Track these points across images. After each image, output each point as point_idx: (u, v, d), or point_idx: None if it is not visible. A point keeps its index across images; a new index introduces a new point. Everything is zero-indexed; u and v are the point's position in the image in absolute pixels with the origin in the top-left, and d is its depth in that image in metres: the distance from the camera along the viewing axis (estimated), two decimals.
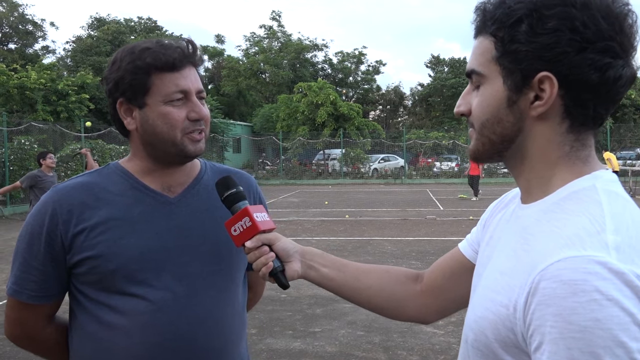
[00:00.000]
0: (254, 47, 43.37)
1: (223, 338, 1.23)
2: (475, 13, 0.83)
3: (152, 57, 1.15)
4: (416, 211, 13.79)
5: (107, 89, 1.21)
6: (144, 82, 1.15)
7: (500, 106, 0.80)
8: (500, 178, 25.30)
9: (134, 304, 1.15)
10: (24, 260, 1.19)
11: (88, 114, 22.92)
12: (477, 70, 0.82)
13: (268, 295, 5.89)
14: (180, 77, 1.16)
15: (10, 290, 1.20)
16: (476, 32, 0.83)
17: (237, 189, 1.11)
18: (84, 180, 1.22)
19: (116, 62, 1.19)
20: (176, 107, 1.16)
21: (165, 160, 1.22)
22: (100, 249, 1.15)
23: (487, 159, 0.86)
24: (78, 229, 1.16)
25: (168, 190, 1.24)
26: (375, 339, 4.61)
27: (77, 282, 1.20)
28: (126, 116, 1.20)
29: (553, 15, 0.73)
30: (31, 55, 35.30)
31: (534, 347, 0.67)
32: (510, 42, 0.76)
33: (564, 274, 0.65)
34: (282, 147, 28.77)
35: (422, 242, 9.22)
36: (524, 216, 0.82)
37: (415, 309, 1.09)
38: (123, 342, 1.15)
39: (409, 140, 29.04)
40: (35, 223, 1.18)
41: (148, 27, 43.08)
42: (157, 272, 1.17)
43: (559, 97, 0.76)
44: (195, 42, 1.21)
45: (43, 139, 16.96)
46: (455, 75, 43.75)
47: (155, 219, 1.20)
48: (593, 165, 0.80)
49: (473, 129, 0.84)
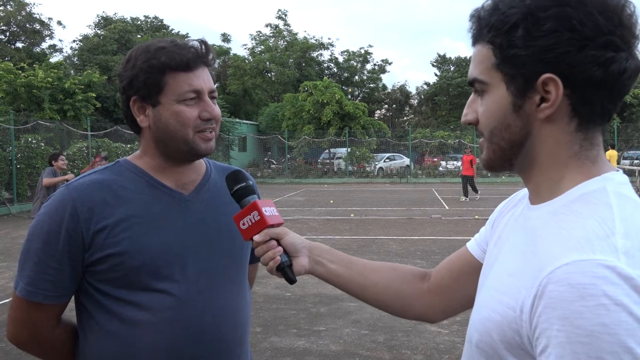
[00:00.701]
0: (260, 46, 43.40)
1: (241, 328, 1.29)
2: (471, 21, 0.82)
3: (167, 56, 1.17)
4: (421, 210, 13.76)
5: (121, 87, 1.23)
6: (158, 81, 1.17)
7: (506, 112, 0.79)
8: (506, 177, 25.20)
9: (160, 299, 1.17)
10: (39, 260, 1.17)
11: (94, 112, 23.03)
12: (479, 79, 0.81)
13: (273, 294, 5.90)
14: (193, 77, 1.19)
15: (24, 291, 1.18)
16: (473, 40, 0.83)
17: (246, 183, 1.12)
18: (100, 178, 1.22)
19: (131, 60, 1.20)
20: (189, 106, 1.19)
21: (177, 157, 1.24)
22: (124, 246, 1.16)
23: (500, 167, 0.85)
24: (99, 227, 1.16)
25: (182, 187, 1.27)
26: (380, 338, 4.60)
27: (94, 280, 1.19)
28: (139, 114, 1.22)
29: (549, 17, 0.73)
30: (38, 54, 35.45)
31: (540, 350, 0.66)
32: (509, 48, 0.76)
33: (572, 277, 0.65)
34: (288, 145, 28.77)
35: (427, 241, 9.20)
36: (532, 217, 0.81)
37: (421, 307, 1.09)
38: (149, 338, 1.17)
39: (415, 140, 28.97)
40: (52, 221, 1.17)
41: (154, 26, 43.20)
42: (181, 267, 1.20)
43: (564, 97, 0.75)
44: (208, 43, 1.24)
45: (50, 137, 17.04)
46: (461, 74, 43.58)
47: (173, 216, 1.22)
48: (602, 165, 0.79)
49: (483, 138, 0.84)
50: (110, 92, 27.60)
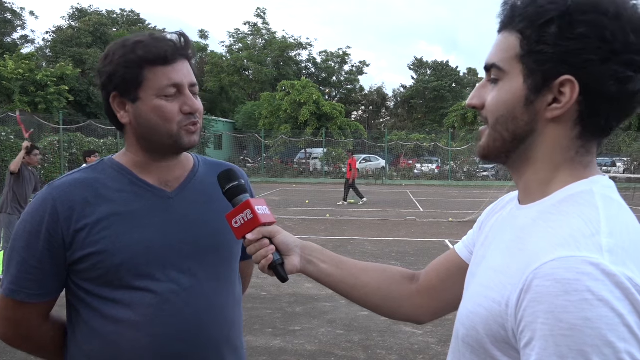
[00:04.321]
0: (238, 44, 43.18)
1: (226, 327, 1.26)
2: (503, 7, 0.82)
3: (144, 50, 1.15)
4: (396, 212, 13.87)
5: (100, 83, 1.21)
6: (137, 76, 1.15)
7: (516, 104, 0.80)
8: (480, 181, 25.60)
9: (140, 297, 1.16)
10: (22, 259, 1.17)
11: (67, 106, 22.55)
12: (498, 65, 0.81)
13: (248, 293, 5.87)
14: (172, 71, 1.17)
15: (7, 290, 1.18)
16: (501, 27, 0.82)
17: (239, 182, 1.12)
18: (82, 177, 1.22)
19: (109, 56, 1.19)
20: (169, 100, 1.17)
21: (160, 152, 1.23)
22: (104, 245, 1.15)
23: (495, 157, 0.86)
24: (80, 226, 1.15)
25: (165, 185, 1.25)
26: (355, 338, 4.62)
27: (77, 278, 1.19)
28: (119, 110, 1.21)
29: (584, 22, 0.73)
30: (9, 45, 34.48)
31: (524, 343, 0.68)
32: (537, 43, 0.76)
33: (557, 272, 0.67)
34: (264, 145, 28.67)
35: (401, 242, 9.24)
36: (521, 216, 0.83)
37: (410, 308, 1.10)
38: (130, 335, 1.16)
39: (391, 142, 29.21)
40: (34, 221, 1.17)
41: (130, 19, 42.53)
42: (162, 265, 1.19)
43: (575, 103, 0.76)
44: (187, 35, 1.21)
45: (20, 130, 16.62)
46: (437, 78, 44.15)
47: (155, 214, 1.21)
48: (592, 170, 0.81)
49: (485, 126, 0.84)
50: (84, 85, 27.07)
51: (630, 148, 24.66)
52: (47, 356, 1.30)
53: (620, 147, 25.27)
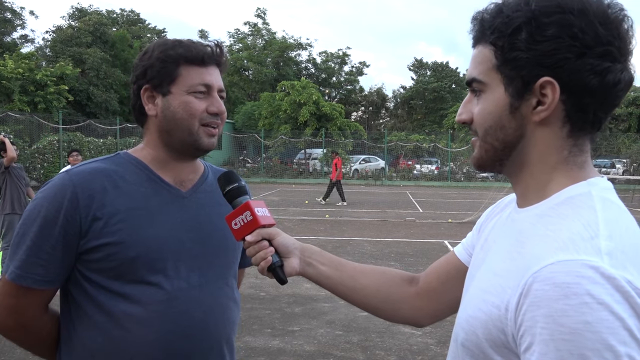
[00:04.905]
0: (238, 44, 43.17)
1: (229, 326, 1.30)
2: (473, 23, 0.84)
3: (183, 49, 1.23)
4: (395, 213, 13.87)
5: (134, 75, 1.27)
6: (172, 71, 1.22)
7: (502, 113, 0.81)
8: (479, 182, 25.61)
9: (151, 293, 1.18)
10: (33, 243, 1.16)
11: (67, 105, 22.55)
12: (478, 79, 0.83)
13: (247, 293, 5.87)
14: (205, 72, 1.24)
15: (13, 275, 1.17)
16: (475, 42, 0.84)
17: (239, 183, 1.13)
18: (102, 167, 1.23)
19: (148, 52, 1.26)
20: (198, 98, 1.23)
21: (179, 150, 1.27)
22: (122, 236, 1.16)
23: (490, 167, 0.87)
24: (98, 214, 1.16)
25: (180, 184, 1.29)
26: (354, 338, 4.62)
27: (85, 269, 1.18)
28: (148, 102, 1.26)
29: (552, 23, 0.75)
30: (9, 44, 34.47)
31: (524, 348, 0.68)
32: (510, 50, 0.78)
33: (556, 276, 0.67)
34: (264, 145, 28.67)
35: (401, 243, 9.24)
36: (519, 220, 0.83)
37: (409, 311, 1.10)
38: (138, 331, 1.16)
39: (390, 142, 29.21)
40: (51, 206, 1.16)
41: (130, 19, 42.57)
42: (174, 262, 1.21)
43: (560, 102, 0.77)
44: (223, 47, 1.29)
45: (19, 129, 16.63)
46: (437, 79, 44.15)
47: (170, 211, 1.24)
48: (589, 171, 0.81)
49: (476, 137, 0.85)
50: (83, 85, 27.06)
51: (629, 150, 24.70)
52: (42, 351, 1.29)
53: (619, 149, 25.31)
